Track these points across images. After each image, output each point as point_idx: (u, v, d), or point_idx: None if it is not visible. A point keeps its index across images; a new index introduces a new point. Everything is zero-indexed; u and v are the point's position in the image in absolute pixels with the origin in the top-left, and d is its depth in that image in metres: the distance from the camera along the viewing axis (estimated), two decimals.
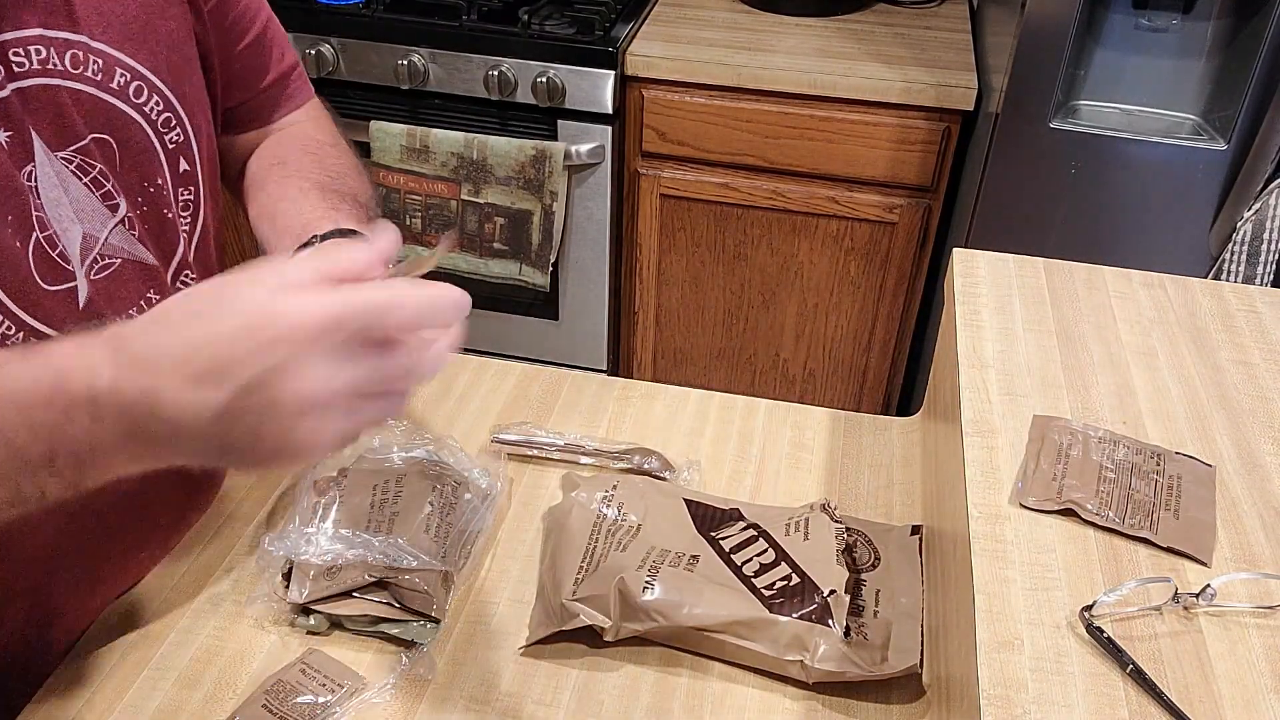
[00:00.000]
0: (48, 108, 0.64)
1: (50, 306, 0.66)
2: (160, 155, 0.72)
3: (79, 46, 0.65)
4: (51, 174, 0.64)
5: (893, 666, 0.79)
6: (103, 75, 0.67)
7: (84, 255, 0.67)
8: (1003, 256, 1.02)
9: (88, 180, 0.67)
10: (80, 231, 0.67)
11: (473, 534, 0.89)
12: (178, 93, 0.72)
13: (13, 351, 0.49)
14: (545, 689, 0.80)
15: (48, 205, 0.64)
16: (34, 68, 0.63)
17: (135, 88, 0.69)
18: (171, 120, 0.72)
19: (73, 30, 0.65)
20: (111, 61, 0.67)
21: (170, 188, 0.74)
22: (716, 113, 1.84)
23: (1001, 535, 0.72)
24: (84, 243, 0.67)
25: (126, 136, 0.70)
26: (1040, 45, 1.51)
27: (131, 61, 0.68)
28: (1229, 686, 0.63)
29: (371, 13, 1.87)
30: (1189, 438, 0.81)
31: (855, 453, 1.03)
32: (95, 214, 0.68)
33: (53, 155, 0.64)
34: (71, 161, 0.66)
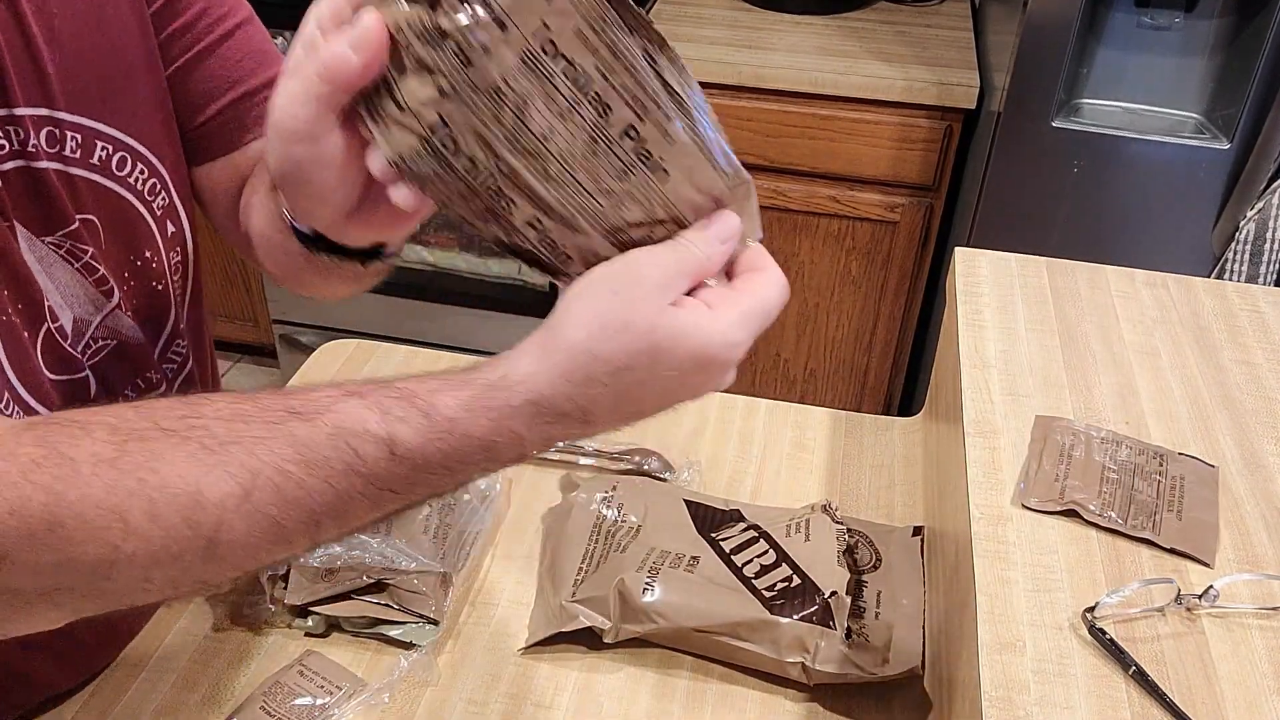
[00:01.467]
0: (29, 193, 0.59)
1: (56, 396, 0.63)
2: (151, 226, 0.68)
3: (54, 123, 0.60)
4: (35, 260, 0.60)
5: (894, 668, 0.78)
6: (81, 152, 0.62)
7: (76, 339, 0.64)
8: (1005, 256, 1.01)
9: (79, 265, 0.63)
10: (71, 317, 0.63)
11: (472, 535, 0.89)
12: (158, 152, 0.67)
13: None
14: (545, 690, 0.79)
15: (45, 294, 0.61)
16: (13, 149, 0.58)
17: (118, 159, 0.64)
18: (156, 185, 0.68)
19: (50, 105, 0.60)
20: (90, 134, 0.62)
21: (162, 256, 0.69)
22: (717, 111, 1.83)
23: (1003, 536, 0.72)
24: (74, 327, 0.64)
25: (113, 215, 0.65)
26: (1042, 43, 1.51)
27: (109, 130, 0.63)
28: (1232, 688, 0.62)
29: None
30: (1192, 438, 0.81)
31: (856, 453, 1.03)
32: (87, 299, 0.64)
33: (36, 241, 0.60)
34: (60, 247, 0.62)
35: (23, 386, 0.59)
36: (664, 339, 0.49)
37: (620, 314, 0.49)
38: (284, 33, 1.86)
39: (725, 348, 0.50)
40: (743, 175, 0.55)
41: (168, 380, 0.72)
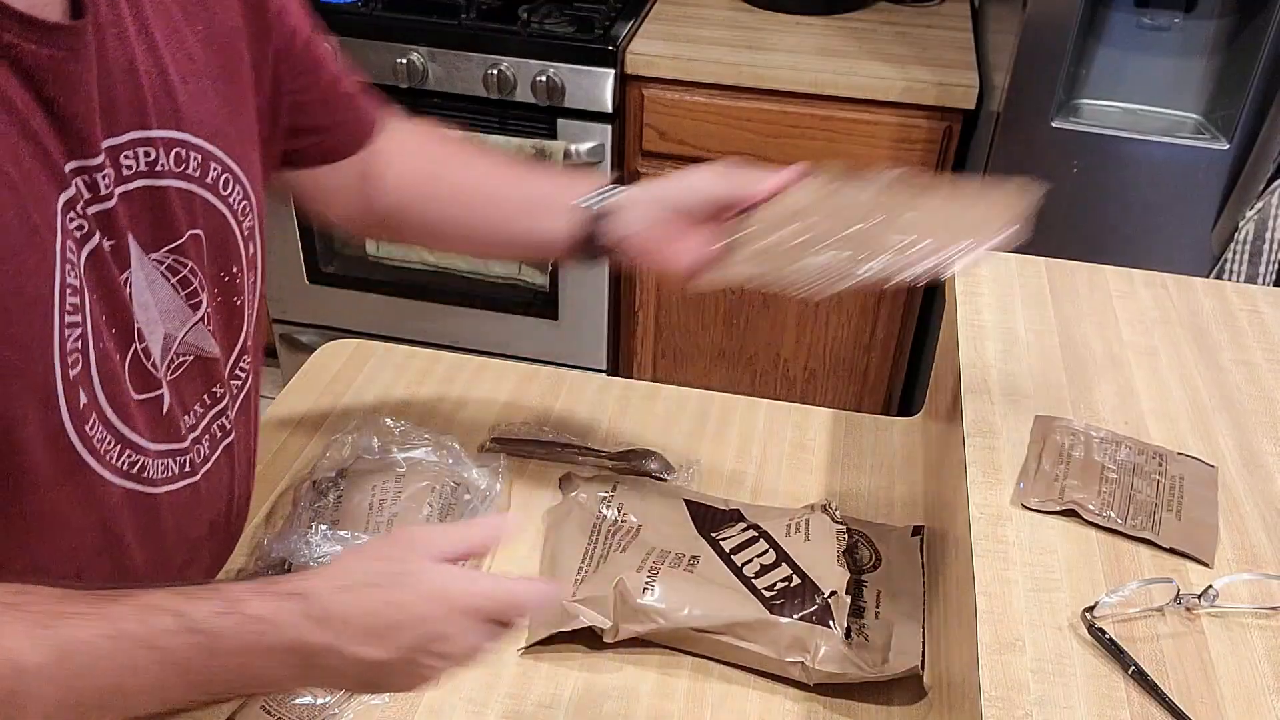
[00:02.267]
0: (150, 209, 0.63)
1: (141, 418, 0.65)
2: (240, 244, 0.72)
3: (181, 144, 0.65)
4: (143, 278, 0.64)
5: (894, 668, 0.78)
6: (200, 170, 0.67)
7: (163, 356, 0.67)
8: (1004, 256, 1.01)
9: (176, 280, 0.67)
10: (163, 333, 0.67)
11: None
12: (251, 180, 0.72)
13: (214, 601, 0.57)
14: (545, 690, 0.79)
15: (138, 310, 0.64)
16: (142, 169, 0.62)
17: (224, 179, 0.69)
18: (247, 208, 0.72)
19: (179, 128, 0.64)
20: (207, 155, 0.67)
21: (244, 274, 0.74)
22: (717, 112, 1.83)
23: (1003, 536, 0.72)
24: (164, 344, 0.67)
25: (216, 230, 0.70)
26: (1042, 44, 1.51)
27: (220, 153, 0.68)
28: (1231, 688, 0.63)
29: (370, 11, 1.86)
30: (1191, 438, 0.81)
31: (856, 453, 1.03)
32: (177, 313, 0.68)
33: (146, 258, 0.64)
34: (163, 263, 0.65)
35: (111, 409, 0.62)
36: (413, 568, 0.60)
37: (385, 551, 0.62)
38: None
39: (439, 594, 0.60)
40: None
41: (231, 396, 0.76)
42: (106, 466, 0.63)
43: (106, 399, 0.62)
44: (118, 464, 0.64)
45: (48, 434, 0.58)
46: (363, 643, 0.57)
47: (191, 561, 0.76)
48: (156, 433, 0.67)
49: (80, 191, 0.58)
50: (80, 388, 0.59)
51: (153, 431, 0.66)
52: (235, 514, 0.81)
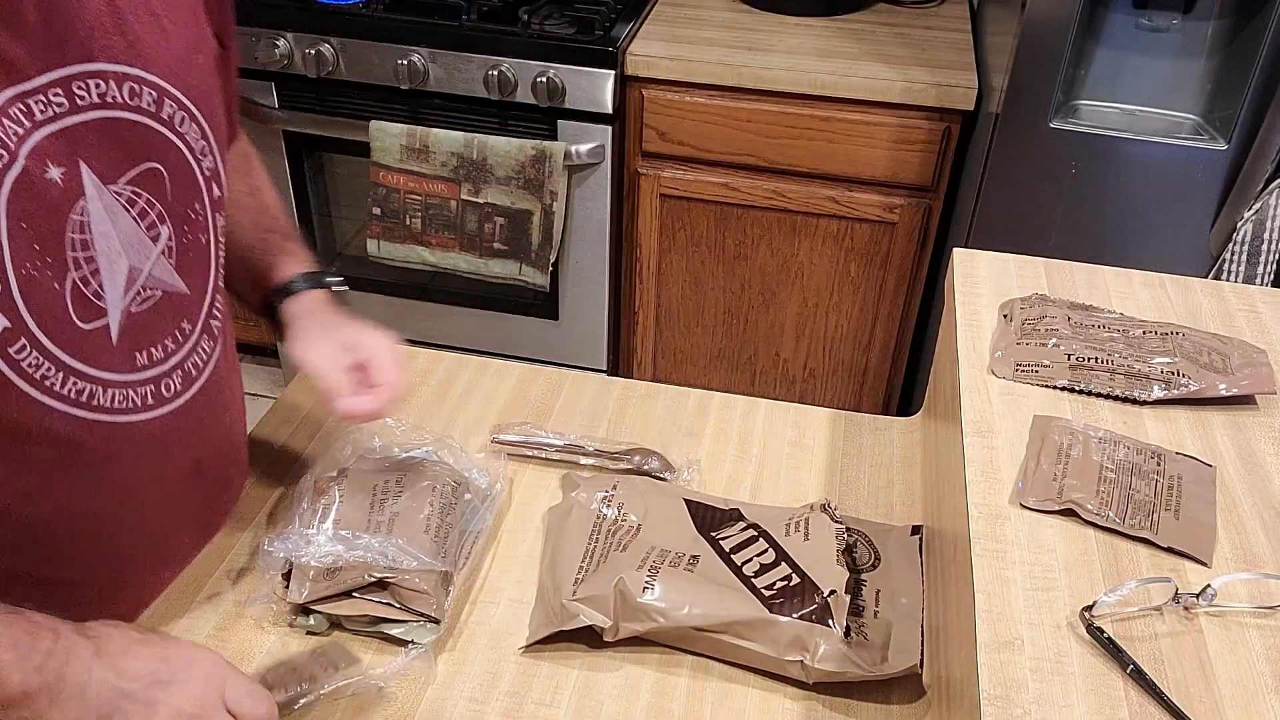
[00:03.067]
0: (104, 140, 0.65)
1: (86, 345, 0.67)
2: (200, 182, 0.74)
3: (135, 79, 0.67)
4: (102, 208, 0.66)
5: (893, 667, 0.79)
6: (154, 106, 0.68)
7: (127, 288, 0.69)
8: (1003, 256, 1.02)
9: (135, 212, 0.68)
10: (126, 265, 0.68)
11: (473, 534, 0.89)
12: (210, 122, 0.74)
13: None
14: (545, 689, 0.80)
15: (98, 239, 0.65)
16: (94, 100, 0.64)
17: (180, 117, 0.71)
18: (206, 148, 0.74)
19: (132, 64, 0.66)
20: (162, 92, 0.69)
21: (208, 214, 0.75)
22: (716, 112, 1.84)
23: (1002, 535, 0.72)
24: (129, 275, 0.69)
25: (174, 164, 0.71)
26: (1041, 45, 1.51)
27: (176, 92, 0.70)
28: (1229, 687, 0.63)
29: (371, 12, 1.87)
30: (1189, 438, 0.81)
31: (855, 453, 1.03)
32: (141, 246, 0.69)
33: (104, 188, 0.66)
34: (122, 194, 0.67)
35: (45, 335, 0.64)
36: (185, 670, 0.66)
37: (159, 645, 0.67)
38: (284, 33, 1.87)
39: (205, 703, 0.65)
40: None
41: (210, 336, 0.78)
42: (45, 392, 0.65)
43: (38, 325, 0.63)
44: (62, 390, 0.66)
45: None
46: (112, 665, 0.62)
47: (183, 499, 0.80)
48: (109, 361, 0.68)
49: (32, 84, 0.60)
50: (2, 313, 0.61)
51: (103, 360, 0.68)
52: (228, 463, 0.84)
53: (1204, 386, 0.83)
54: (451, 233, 1.96)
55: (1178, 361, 0.85)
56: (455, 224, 1.95)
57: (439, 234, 1.96)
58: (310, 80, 1.91)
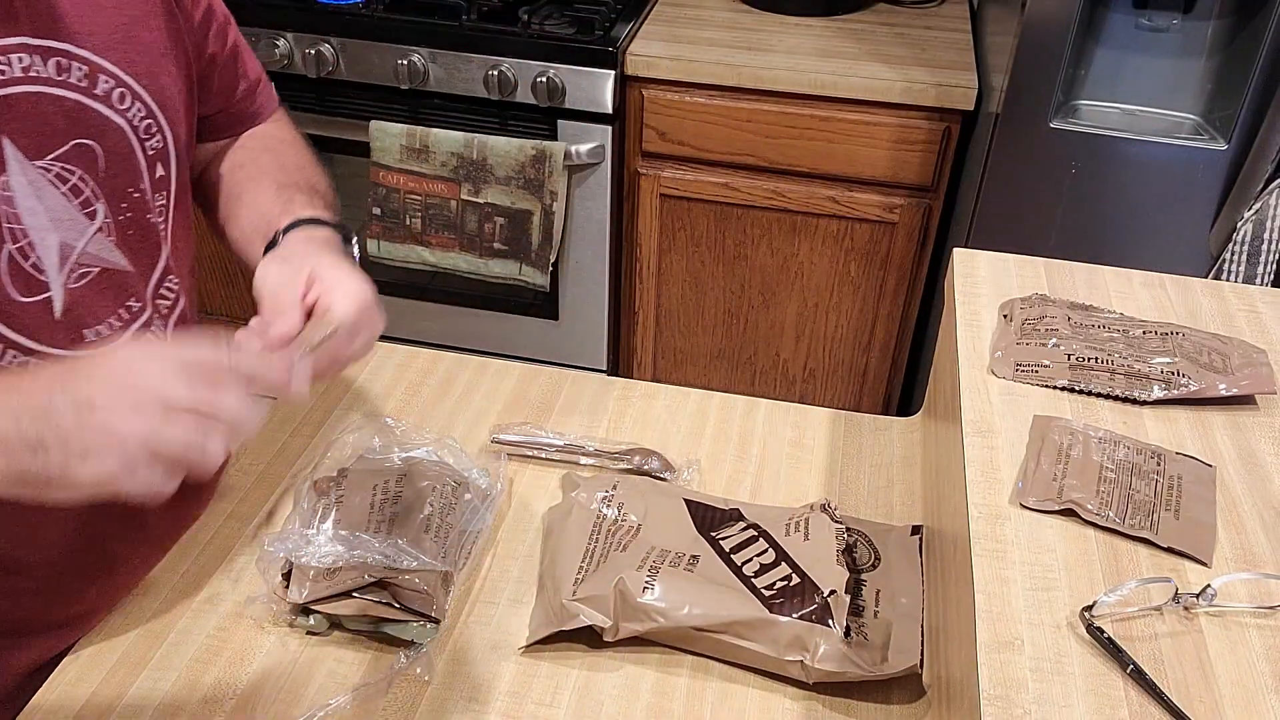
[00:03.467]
0: (29, 115, 0.64)
1: (26, 319, 0.66)
2: (141, 161, 0.72)
3: (63, 54, 0.65)
4: (26, 183, 0.64)
5: (893, 667, 0.79)
6: (87, 81, 0.67)
7: (61, 263, 0.68)
8: (1003, 256, 1.02)
9: (66, 188, 0.67)
10: (57, 240, 0.67)
11: (472, 534, 0.89)
12: (159, 100, 0.73)
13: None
14: (545, 689, 0.80)
15: (24, 214, 0.64)
16: (16, 75, 0.63)
17: (118, 94, 0.69)
18: (152, 126, 0.73)
19: (57, 38, 0.65)
20: (95, 68, 0.67)
21: (149, 194, 0.74)
22: (716, 112, 1.84)
23: (1002, 535, 0.72)
24: (61, 251, 0.68)
25: (110, 142, 0.70)
26: (1041, 45, 1.51)
27: (114, 68, 0.69)
28: (1229, 687, 0.63)
29: (371, 12, 1.87)
30: (1189, 438, 0.81)
31: (855, 453, 1.03)
32: (73, 222, 0.68)
33: (29, 164, 0.65)
34: (49, 170, 0.66)
35: None
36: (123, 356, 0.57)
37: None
38: (283, 33, 1.87)
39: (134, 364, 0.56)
40: None
41: (160, 315, 0.77)
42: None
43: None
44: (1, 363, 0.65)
45: None
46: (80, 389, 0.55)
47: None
48: (49, 336, 0.67)
49: None
50: None
51: (43, 334, 0.67)
52: None
53: (1204, 386, 0.83)
54: (451, 233, 1.96)
55: (1178, 361, 0.85)
56: (455, 224, 1.95)
57: (439, 234, 1.96)
58: (310, 80, 1.91)
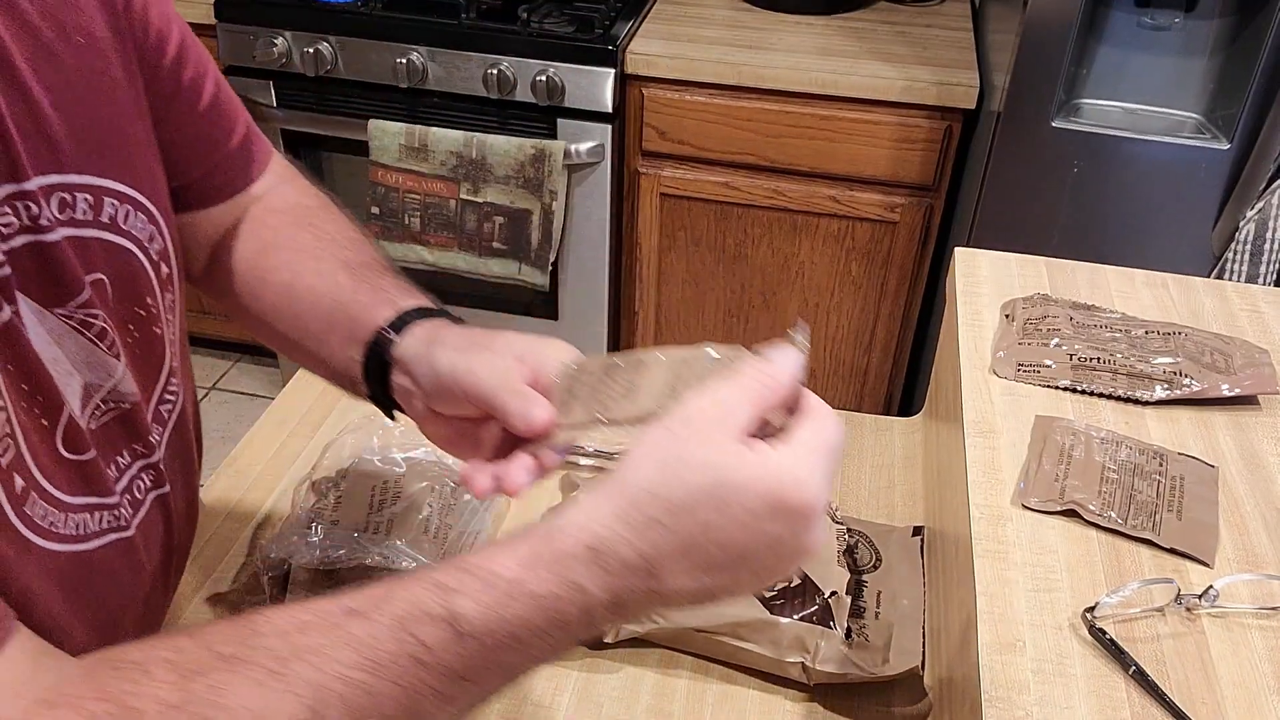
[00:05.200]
0: (40, 266, 0.57)
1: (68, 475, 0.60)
2: (150, 273, 0.65)
3: (65, 189, 0.58)
4: (44, 334, 0.58)
5: (894, 668, 0.78)
6: (93, 212, 0.60)
7: (83, 406, 0.61)
8: (1004, 256, 1.01)
9: (93, 334, 0.61)
10: (80, 384, 0.60)
11: (472, 535, 0.89)
12: (154, 199, 0.65)
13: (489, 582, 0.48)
14: (545, 689, 0.79)
15: (48, 363, 0.57)
16: (24, 224, 0.55)
17: (124, 214, 0.62)
18: (154, 233, 0.65)
19: (59, 171, 0.58)
20: (98, 193, 0.60)
21: (159, 300, 0.67)
22: (717, 111, 1.83)
23: (1003, 536, 0.72)
24: (83, 393, 0.61)
25: (121, 270, 0.63)
26: (1042, 43, 1.51)
27: (117, 185, 0.62)
28: (1232, 688, 0.62)
29: (370, 11, 1.86)
30: (1191, 438, 0.81)
31: (856, 453, 1.03)
32: (100, 365, 0.62)
33: (47, 314, 0.58)
34: (72, 317, 0.59)
35: (46, 480, 0.57)
36: (727, 475, 0.47)
37: (677, 449, 0.47)
38: (282, 32, 1.86)
39: (796, 486, 0.47)
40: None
41: (164, 441, 0.69)
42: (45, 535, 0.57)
43: (41, 473, 0.56)
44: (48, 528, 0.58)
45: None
46: (691, 576, 0.48)
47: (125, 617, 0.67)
48: (79, 487, 0.60)
49: None
50: (15, 473, 0.54)
51: (74, 486, 0.60)
52: (175, 566, 0.74)
53: (1206, 387, 0.83)
54: (450, 232, 1.96)
55: (1180, 362, 0.84)
56: (454, 223, 1.95)
57: (438, 233, 1.96)
58: (309, 79, 1.91)
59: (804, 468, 0.48)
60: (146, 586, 0.68)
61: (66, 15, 0.59)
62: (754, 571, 0.49)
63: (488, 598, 0.47)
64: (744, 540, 0.47)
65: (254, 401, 2.47)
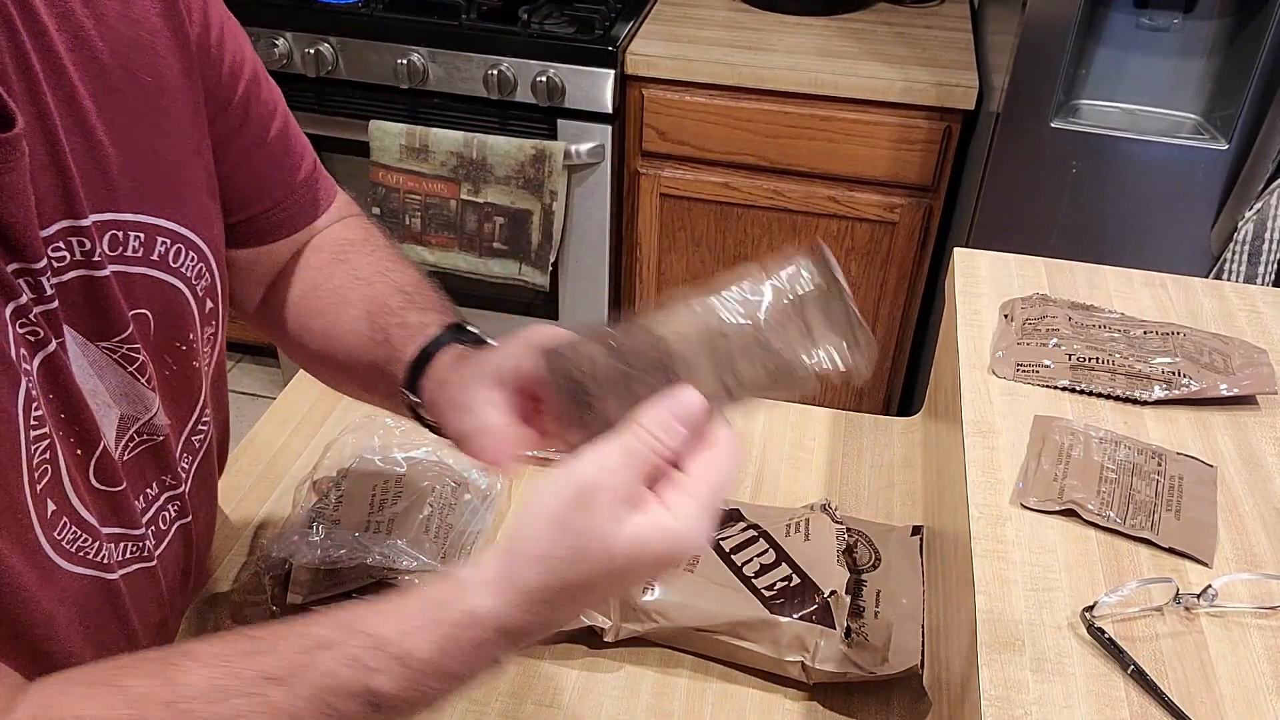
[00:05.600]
0: (88, 300, 0.58)
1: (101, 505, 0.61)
2: (194, 309, 0.66)
3: (118, 226, 0.59)
4: (85, 365, 0.59)
5: (893, 667, 0.78)
6: (144, 249, 0.61)
7: (119, 439, 0.62)
8: (1003, 256, 1.02)
9: (133, 368, 0.61)
10: (117, 415, 0.61)
11: (472, 534, 0.89)
12: (206, 236, 0.66)
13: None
14: (545, 689, 0.80)
15: (86, 396, 0.58)
16: (77, 259, 0.56)
17: (175, 252, 0.63)
18: (203, 269, 0.66)
19: (114, 209, 0.59)
20: (151, 232, 0.61)
21: (199, 335, 0.68)
22: (716, 112, 1.84)
23: (1002, 536, 0.72)
24: (120, 425, 0.62)
25: (165, 306, 0.64)
26: (1041, 44, 1.51)
27: (170, 224, 0.62)
28: (1230, 687, 0.63)
29: (371, 11, 1.86)
30: (1190, 438, 0.81)
31: (856, 453, 1.03)
32: (137, 398, 0.62)
33: (91, 345, 0.59)
34: (115, 352, 0.60)
35: (82, 506, 0.58)
36: (625, 554, 0.50)
37: (577, 542, 0.50)
38: (282, 33, 1.86)
39: (690, 544, 0.50)
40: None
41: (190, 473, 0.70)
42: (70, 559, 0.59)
43: (76, 499, 0.57)
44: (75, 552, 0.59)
45: (24, 547, 0.54)
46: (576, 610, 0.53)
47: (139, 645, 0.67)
48: (109, 518, 0.62)
49: (27, 295, 0.53)
50: (49, 498, 0.55)
51: (104, 516, 0.61)
52: (192, 588, 0.76)
53: (1205, 387, 0.83)
54: (451, 232, 1.96)
55: (1179, 361, 0.85)
56: (455, 224, 1.95)
57: (438, 234, 1.96)
58: (309, 80, 1.91)
59: (690, 523, 0.50)
60: (164, 613, 0.69)
61: (137, 56, 0.60)
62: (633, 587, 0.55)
63: (405, 680, 0.51)
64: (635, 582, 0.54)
65: (255, 401, 2.47)
